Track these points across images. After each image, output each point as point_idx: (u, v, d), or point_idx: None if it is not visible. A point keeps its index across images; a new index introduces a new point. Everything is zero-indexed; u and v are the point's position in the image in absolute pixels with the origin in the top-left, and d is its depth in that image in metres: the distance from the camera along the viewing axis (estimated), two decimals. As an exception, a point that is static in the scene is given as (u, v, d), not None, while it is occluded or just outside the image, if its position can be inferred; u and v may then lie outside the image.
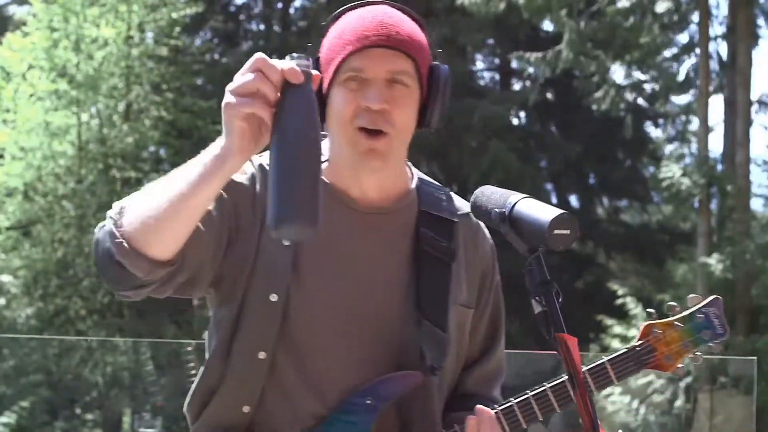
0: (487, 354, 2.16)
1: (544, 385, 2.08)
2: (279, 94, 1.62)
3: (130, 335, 13.40)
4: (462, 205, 2.13)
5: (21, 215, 13.57)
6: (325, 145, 2.03)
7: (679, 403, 11.36)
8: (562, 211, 1.69)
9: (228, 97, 1.66)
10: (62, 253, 13.42)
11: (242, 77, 1.65)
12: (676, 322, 2.15)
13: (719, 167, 13.78)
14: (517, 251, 1.76)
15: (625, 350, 2.12)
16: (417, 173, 2.13)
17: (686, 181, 13.15)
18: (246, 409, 2.00)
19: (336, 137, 1.99)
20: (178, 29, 14.67)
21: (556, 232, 1.68)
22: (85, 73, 13.41)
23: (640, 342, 2.15)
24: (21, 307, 13.34)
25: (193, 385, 2.06)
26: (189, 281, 1.94)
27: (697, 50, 14.59)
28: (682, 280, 13.93)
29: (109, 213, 1.85)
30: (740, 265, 12.69)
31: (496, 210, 1.77)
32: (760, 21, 15.21)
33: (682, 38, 15.69)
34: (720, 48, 15.19)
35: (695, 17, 14.43)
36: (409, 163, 2.13)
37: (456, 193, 2.17)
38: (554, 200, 18.57)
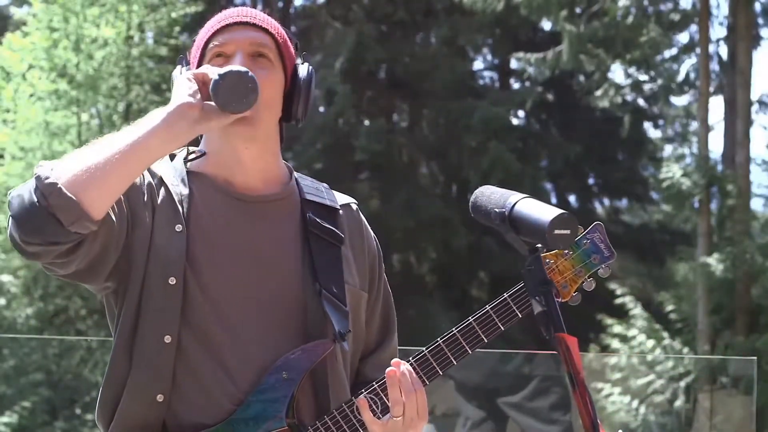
0: (383, 343, 2.24)
1: (452, 330, 2.11)
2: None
3: (130, 335, 13.40)
4: (341, 197, 2.25)
5: (21, 215, 13.57)
6: (203, 141, 2.18)
7: (679, 403, 11.36)
8: (562, 211, 1.69)
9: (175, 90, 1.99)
10: (62, 253, 13.42)
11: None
12: (565, 251, 2.18)
13: (719, 167, 13.78)
14: (518, 251, 1.76)
15: (521, 284, 2.12)
16: (297, 173, 2.25)
17: (686, 181, 13.14)
18: (160, 397, 2.01)
19: (209, 122, 2.06)
20: (178, 29, 14.67)
21: (556, 232, 1.68)
22: (85, 73, 13.41)
23: None
24: (21, 307, 13.34)
25: (101, 390, 2.08)
26: (93, 262, 2.00)
27: (698, 50, 14.58)
28: (682, 280, 13.91)
29: (37, 170, 1.92)
30: (740, 265, 12.68)
31: (496, 210, 1.77)
32: (761, 21, 15.21)
33: (682, 38, 15.70)
34: (720, 48, 15.19)
35: (695, 17, 14.42)
36: (286, 162, 2.26)
37: (456, 194, 2.21)
38: (554, 200, 18.57)
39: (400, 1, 17.83)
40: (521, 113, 19.48)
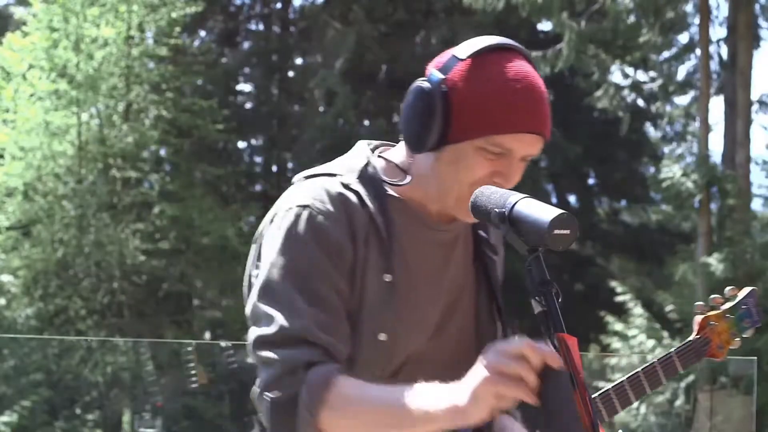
0: None
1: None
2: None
3: (130, 335, 13.41)
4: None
5: (21, 215, 13.57)
6: (412, 161, 1.95)
7: (679, 403, 11.37)
8: (561, 211, 1.69)
9: (490, 372, 1.62)
10: (62, 253, 13.42)
11: (506, 359, 1.62)
12: (726, 314, 2.36)
13: (719, 167, 13.78)
14: (517, 251, 1.76)
15: (689, 341, 2.34)
16: None
17: (686, 181, 13.15)
18: None
19: (443, 182, 1.91)
20: (178, 29, 14.68)
21: (556, 232, 1.68)
22: (85, 73, 13.41)
23: (698, 335, 2.36)
24: (21, 307, 13.34)
25: None
26: None
27: (698, 50, 14.59)
28: (682, 280, 13.92)
29: (302, 396, 1.77)
30: (740, 265, 12.69)
31: (496, 210, 1.76)
32: (761, 21, 15.21)
33: (683, 38, 15.70)
34: (720, 48, 15.19)
35: (695, 17, 14.42)
36: None
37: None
38: (554, 200, 18.58)
39: (400, 1, 17.84)
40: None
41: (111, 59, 13.78)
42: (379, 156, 1.99)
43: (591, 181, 19.72)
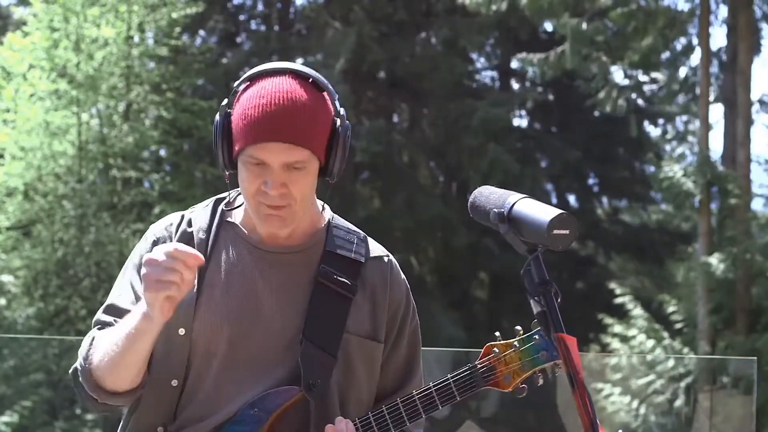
0: (401, 389, 2.34)
1: (396, 401, 2.25)
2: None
3: (130, 335, 13.39)
4: (376, 249, 2.35)
5: (21, 215, 13.57)
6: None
7: (679, 403, 11.35)
8: (561, 211, 1.69)
9: (149, 282, 2.06)
10: (62, 253, 13.41)
11: (160, 263, 2.05)
12: (515, 343, 2.23)
13: (720, 167, 13.78)
14: (517, 251, 1.75)
15: (467, 368, 2.24)
16: (331, 216, 2.37)
17: (686, 181, 13.14)
18: (160, 430, 2.27)
19: (243, 196, 2.26)
20: (178, 29, 14.66)
21: (556, 232, 1.68)
22: (85, 73, 13.41)
23: (480, 361, 2.24)
24: (21, 307, 13.33)
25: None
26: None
27: (698, 50, 14.58)
28: (682, 280, 13.91)
29: (80, 352, 2.26)
30: (741, 265, 12.68)
31: (495, 210, 1.77)
32: (761, 21, 15.20)
33: (683, 39, 15.68)
34: (720, 48, 15.18)
35: (696, 18, 14.42)
36: (326, 206, 2.38)
37: (456, 194, 2.22)
38: (554, 200, 18.58)
39: (401, 1, 17.82)
40: (521, 114, 19.48)
41: (111, 59, 13.77)
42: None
43: (591, 181, 19.71)
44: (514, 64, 18.68)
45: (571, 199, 19.28)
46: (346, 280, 2.27)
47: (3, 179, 13.27)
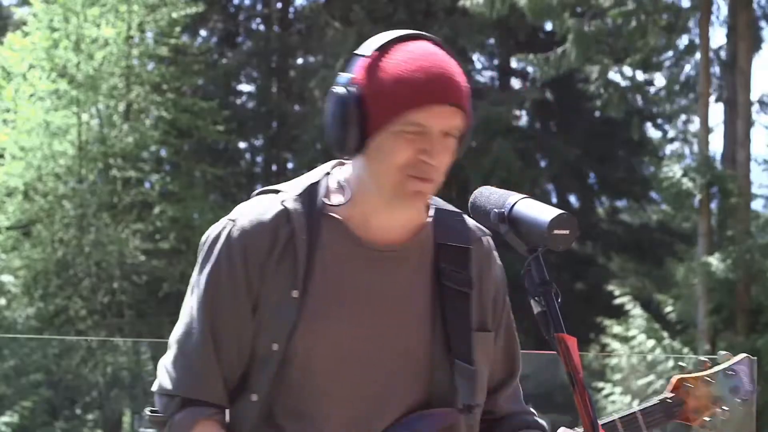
0: (512, 373, 2.15)
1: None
2: None
3: (130, 335, 13.41)
4: (475, 229, 2.09)
5: (21, 215, 13.57)
6: (341, 181, 2.00)
7: (679, 403, 11.35)
8: (561, 211, 1.69)
9: None
10: (62, 253, 13.42)
11: None
12: (707, 377, 2.17)
13: (720, 167, 13.79)
14: (517, 251, 1.75)
15: (657, 401, 2.14)
16: (433, 200, 2.08)
17: (686, 181, 13.15)
18: None
19: (376, 178, 1.94)
20: (178, 29, 14.68)
21: (556, 232, 1.68)
22: (85, 73, 13.42)
23: (671, 394, 2.17)
24: (21, 307, 13.34)
25: None
26: None
27: (698, 51, 14.58)
28: (683, 280, 13.91)
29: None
30: (741, 265, 12.68)
31: (495, 210, 1.76)
32: (761, 22, 15.21)
33: (683, 39, 15.70)
34: (720, 48, 15.18)
35: (696, 18, 14.42)
36: None
37: (456, 194, 2.19)
38: (554, 200, 18.57)
39: (401, 1, 17.83)
40: (522, 113, 19.48)
41: (111, 59, 13.78)
42: (330, 173, 2.03)
43: (591, 181, 19.71)
44: (514, 64, 18.68)
45: (572, 199, 19.28)
46: (463, 274, 2.02)
47: (3, 179, 13.28)
